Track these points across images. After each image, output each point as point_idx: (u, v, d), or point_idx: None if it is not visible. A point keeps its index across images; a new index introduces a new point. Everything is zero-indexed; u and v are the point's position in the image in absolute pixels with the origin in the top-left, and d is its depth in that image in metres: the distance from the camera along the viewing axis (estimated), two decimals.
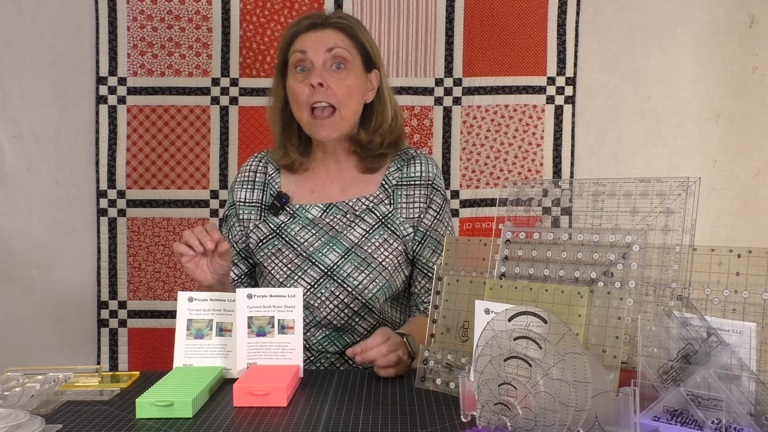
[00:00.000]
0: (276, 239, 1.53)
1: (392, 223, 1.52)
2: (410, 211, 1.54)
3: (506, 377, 0.92)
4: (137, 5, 2.17)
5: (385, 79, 1.58)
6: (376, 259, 1.49)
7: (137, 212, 2.21)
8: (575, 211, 1.14)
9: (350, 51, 1.50)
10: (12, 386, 1.14)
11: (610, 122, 2.18)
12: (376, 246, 1.50)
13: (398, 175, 1.56)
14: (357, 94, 1.51)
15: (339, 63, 1.49)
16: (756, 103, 2.15)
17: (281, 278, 1.50)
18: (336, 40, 1.49)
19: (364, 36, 1.54)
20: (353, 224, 1.51)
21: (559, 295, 1.06)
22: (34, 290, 2.22)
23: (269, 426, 1.02)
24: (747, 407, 0.88)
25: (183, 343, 1.31)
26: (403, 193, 1.55)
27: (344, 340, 1.51)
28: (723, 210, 2.17)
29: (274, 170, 1.61)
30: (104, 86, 2.18)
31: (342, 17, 1.54)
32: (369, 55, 1.54)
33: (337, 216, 1.53)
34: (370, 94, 1.56)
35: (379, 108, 1.56)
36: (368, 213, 1.53)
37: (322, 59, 1.48)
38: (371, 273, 1.48)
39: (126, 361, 2.21)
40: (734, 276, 0.99)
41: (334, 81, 1.47)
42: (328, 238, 1.50)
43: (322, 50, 1.48)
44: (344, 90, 1.48)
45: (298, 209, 1.54)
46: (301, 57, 1.49)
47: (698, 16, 2.15)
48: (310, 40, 1.49)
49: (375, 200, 1.54)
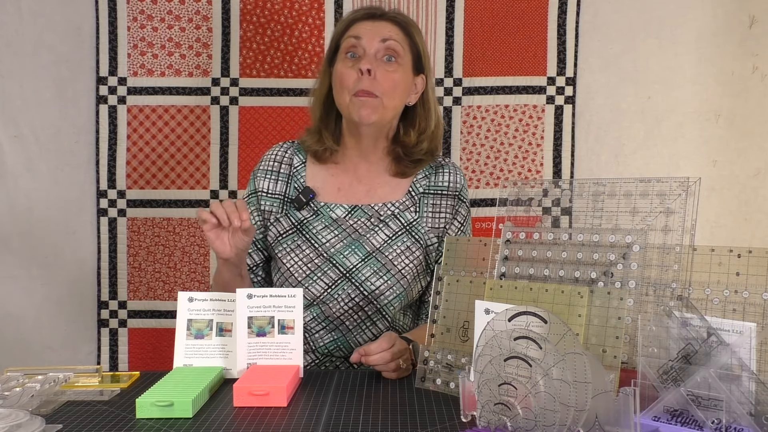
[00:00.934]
0: (296, 235, 1.51)
1: (417, 231, 1.52)
2: (436, 220, 1.54)
3: (506, 377, 0.92)
4: (137, 5, 2.17)
5: (432, 87, 1.58)
6: (396, 266, 1.48)
7: (137, 212, 2.21)
8: (575, 211, 1.14)
9: (403, 47, 1.50)
10: (12, 386, 1.14)
11: (610, 122, 2.18)
12: (397, 253, 1.49)
13: (426, 183, 1.56)
14: (402, 90, 1.50)
15: (390, 56, 1.48)
16: (756, 103, 2.15)
17: (300, 277, 1.48)
18: (391, 33, 1.49)
19: (419, 38, 1.54)
20: (377, 229, 1.50)
21: (559, 295, 1.06)
22: (34, 290, 2.22)
23: (269, 426, 1.02)
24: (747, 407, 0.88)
25: (183, 343, 1.31)
26: (430, 202, 1.55)
27: (350, 346, 1.50)
28: (723, 210, 2.17)
29: (300, 162, 1.58)
30: (104, 86, 2.19)
31: (401, 14, 1.55)
32: (420, 57, 1.54)
33: (361, 219, 1.51)
34: (413, 97, 1.54)
35: (423, 113, 1.56)
36: (393, 219, 1.52)
37: (375, 48, 1.47)
38: (389, 279, 1.47)
39: (126, 361, 2.21)
40: (734, 276, 0.99)
41: (382, 72, 1.46)
42: (351, 241, 1.49)
43: (377, 39, 1.47)
44: (390, 82, 1.47)
45: (322, 207, 1.52)
46: (354, 43, 1.48)
47: (698, 16, 2.15)
48: (366, 27, 1.49)
49: (401, 207, 1.53)
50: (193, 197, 2.21)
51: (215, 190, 2.21)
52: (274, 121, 2.19)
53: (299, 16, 2.18)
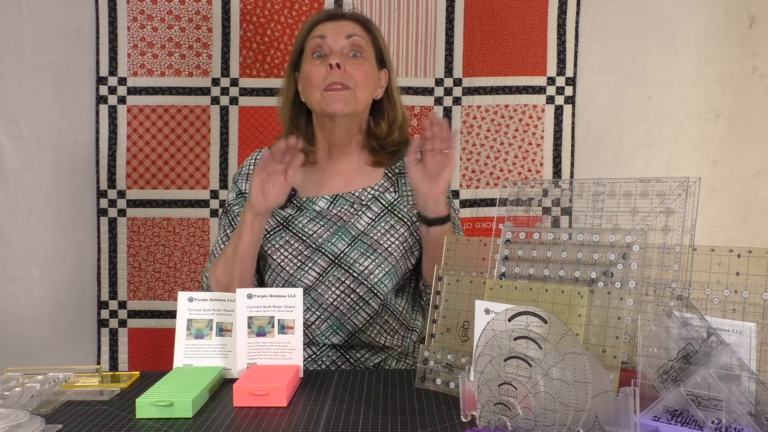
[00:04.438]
0: (283, 231, 1.54)
1: (399, 210, 1.56)
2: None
3: (506, 377, 0.92)
4: (137, 5, 2.17)
5: (394, 81, 1.63)
6: (382, 245, 1.51)
7: (137, 212, 2.21)
8: (575, 211, 1.14)
9: (367, 42, 1.56)
10: (12, 386, 1.14)
11: (610, 122, 2.18)
12: (382, 233, 1.52)
13: (401, 164, 1.61)
14: (371, 82, 1.55)
15: (356, 51, 1.53)
16: (756, 103, 2.15)
17: (291, 270, 1.51)
18: (354, 30, 1.55)
19: (379, 35, 1.61)
20: (360, 213, 1.54)
21: (559, 295, 1.06)
22: (34, 290, 2.22)
23: (269, 426, 1.02)
24: (747, 407, 0.88)
25: (183, 343, 1.31)
26: (407, 180, 1.57)
27: (346, 330, 1.51)
28: (723, 210, 2.17)
29: None
30: (104, 86, 2.18)
31: (360, 14, 1.62)
32: (382, 52, 1.60)
33: (344, 207, 1.55)
34: (379, 91, 1.60)
35: (389, 106, 1.61)
36: (374, 201, 1.56)
37: (341, 45, 1.52)
38: (377, 258, 1.50)
39: (126, 361, 2.21)
40: (734, 276, 0.99)
41: (351, 65, 1.51)
42: (336, 229, 1.53)
43: (341, 36, 1.53)
44: (361, 74, 1.51)
45: (305, 202, 1.56)
46: (320, 42, 1.53)
47: (698, 16, 2.15)
48: (330, 27, 1.55)
49: (380, 189, 1.58)
50: (193, 197, 2.21)
51: (215, 190, 2.21)
52: (274, 121, 2.19)
53: (299, 16, 2.18)
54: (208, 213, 2.21)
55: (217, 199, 2.21)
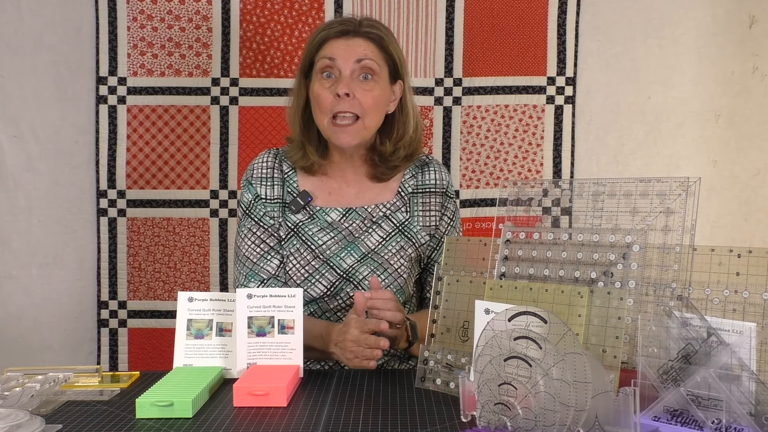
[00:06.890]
0: (294, 238, 1.52)
1: (409, 231, 1.54)
2: (427, 219, 1.56)
3: (506, 377, 0.92)
4: (137, 5, 2.17)
5: (409, 90, 1.57)
6: (392, 265, 1.50)
7: (137, 212, 2.21)
8: (575, 211, 1.14)
9: (379, 63, 1.49)
10: (12, 386, 1.14)
11: (610, 122, 2.18)
12: (392, 252, 1.51)
13: (413, 183, 1.58)
14: (382, 105, 1.51)
15: (367, 74, 1.48)
16: (756, 103, 2.15)
17: (299, 280, 1.50)
18: (366, 51, 1.48)
19: (394, 47, 1.53)
20: (371, 230, 1.52)
21: (559, 295, 1.06)
22: (34, 290, 2.22)
23: (269, 426, 1.02)
24: (747, 407, 0.88)
25: (183, 343, 1.31)
26: (420, 200, 1.56)
27: None
28: (723, 210, 2.17)
29: (289, 168, 1.58)
30: (104, 86, 2.18)
31: (373, 26, 1.52)
32: (396, 66, 1.54)
33: (356, 222, 1.53)
34: (392, 105, 1.55)
35: (401, 119, 1.56)
36: (385, 220, 1.54)
37: (350, 69, 1.46)
38: (387, 278, 1.50)
39: (126, 361, 2.21)
40: (734, 276, 0.99)
41: (360, 91, 1.46)
42: (346, 243, 1.51)
43: (351, 60, 1.47)
44: (370, 100, 1.47)
45: (318, 211, 1.54)
46: (329, 64, 1.48)
47: (698, 16, 2.15)
48: (340, 47, 1.48)
49: (392, 207, 1.55)
50: (193, 197, 2.21)
51: (215, 190, 2.21)
52: (274, 121, 2.19)
53: (299, 16, 2.18)
54: (208, 213, 2.21)
55: (217, 199, 2.21)
